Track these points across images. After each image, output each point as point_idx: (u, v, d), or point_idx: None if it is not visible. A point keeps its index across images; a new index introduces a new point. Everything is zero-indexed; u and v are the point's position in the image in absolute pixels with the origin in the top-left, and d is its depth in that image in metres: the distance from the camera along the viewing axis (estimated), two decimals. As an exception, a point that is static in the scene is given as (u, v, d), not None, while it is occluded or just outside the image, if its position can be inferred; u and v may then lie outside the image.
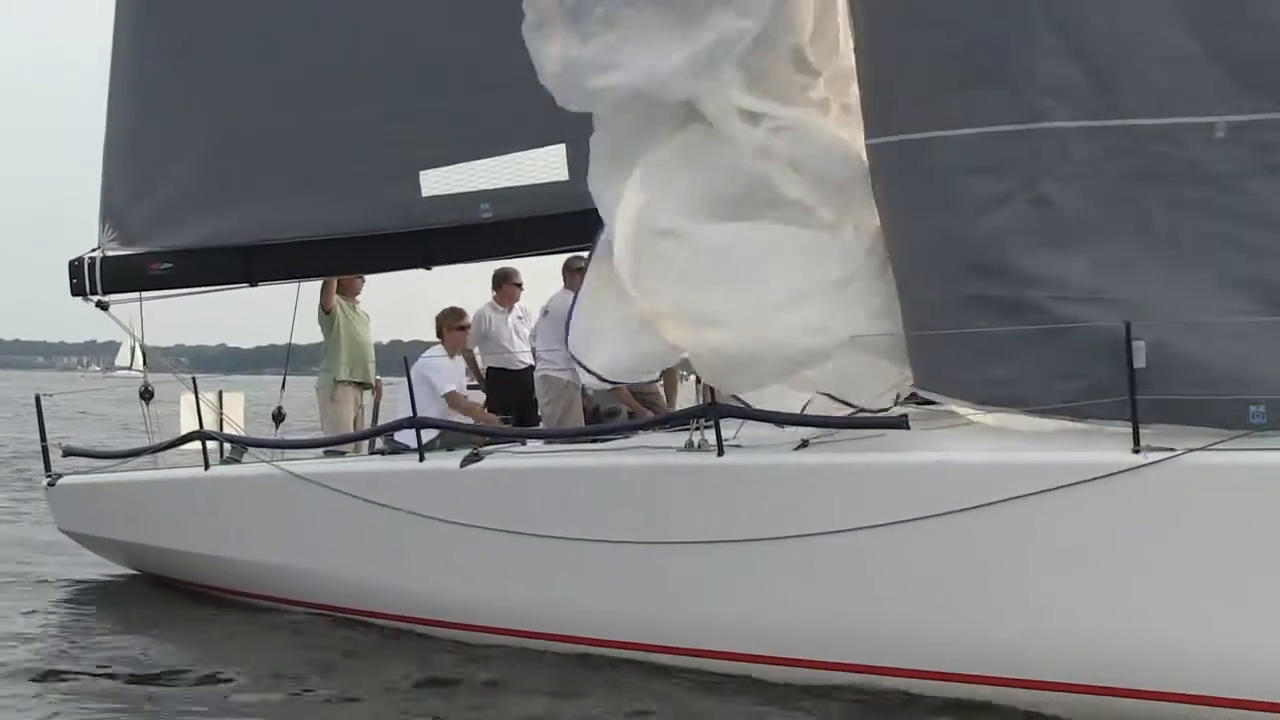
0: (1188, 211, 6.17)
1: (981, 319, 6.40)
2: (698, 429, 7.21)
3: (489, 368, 10.58)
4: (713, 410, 7.11)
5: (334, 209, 9.28)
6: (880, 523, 6.51)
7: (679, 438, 7.36)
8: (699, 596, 7.11)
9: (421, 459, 8.29)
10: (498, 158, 8.90)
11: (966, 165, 6.43)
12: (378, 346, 10.93)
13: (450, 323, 9.77)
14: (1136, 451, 6.02)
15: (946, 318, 6.55)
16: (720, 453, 7.04)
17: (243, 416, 11.01)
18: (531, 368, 10.50)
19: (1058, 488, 6.13)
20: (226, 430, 10.19)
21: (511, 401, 10.04)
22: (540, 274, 10.50)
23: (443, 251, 9.43)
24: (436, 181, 9.07)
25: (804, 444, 6.92)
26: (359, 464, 8.96)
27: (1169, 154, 6.17)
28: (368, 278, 10.59)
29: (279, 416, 10.83)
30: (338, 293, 10.42)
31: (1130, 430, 6.03)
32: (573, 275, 9.80)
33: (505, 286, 10.56)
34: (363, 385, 10.55)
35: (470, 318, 10.00)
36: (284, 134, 9.34)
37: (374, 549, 8.35)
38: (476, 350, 10.71)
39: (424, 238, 9.35)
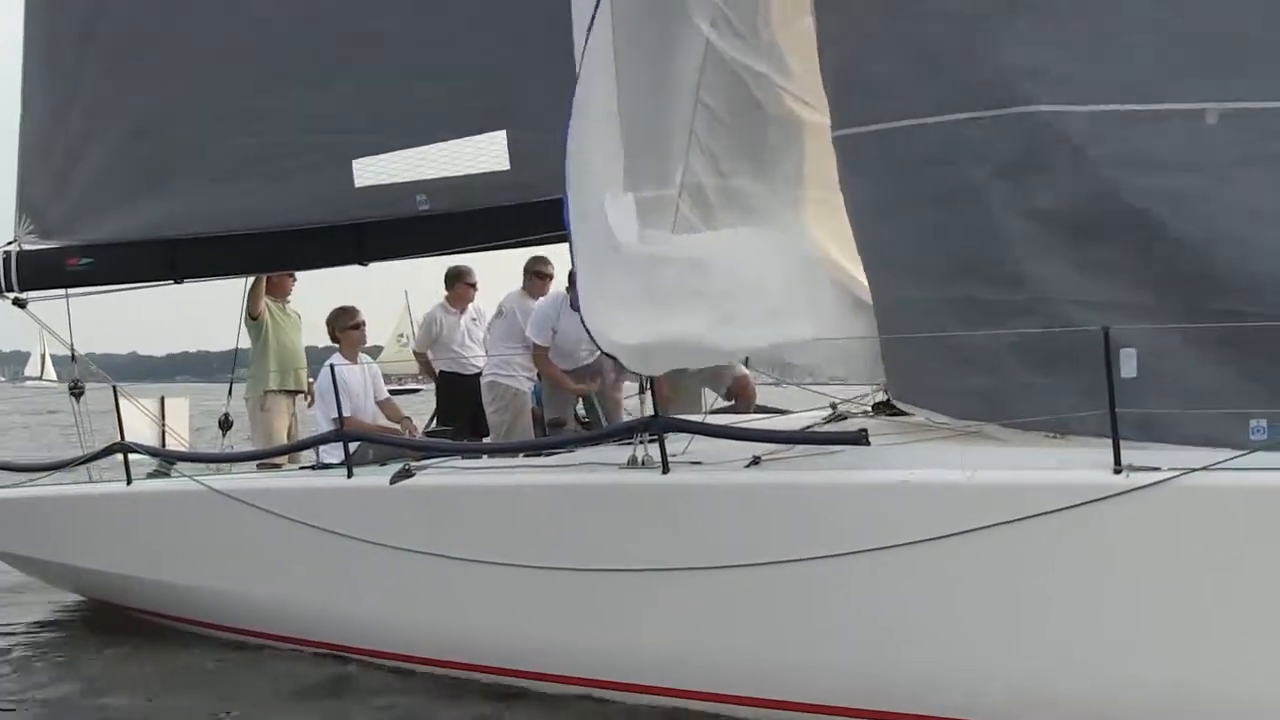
0: (1179, 205, 5.51)
1: (962, 324, 5.77)
2: (642, 443, 6.56)
3: (440, 372, 9.93)
4: (655, 423, 6.45)
5: (262, 201, 8.59)
6: (836, 552, 5.87)
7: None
8: (639, 628, 6.47)
9: (349, 474, 7.63)
10: (435, 145, 8.20)
11: (941, 156, 5.79)
12: (312, 351, 10.23)
13: (341, 323, 8.98)
14: (1118, 472, 5.38)
15: (925, 322, 5.92)
16: (665, 470, 6.38)
17: (188, 425, 10.37)
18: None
19: (1028, 516, 5.49)
20: (170, 441, 9.58)
21: (464, 408, 9.39)
22: (501, 274, 9.94)
23: (378, 246, 8.73)
24: (370, 171, 8.37)
25: (755, 461, 6.26)
26: (283, 480, 8.29)
27: (1164, 141, 5.51)
28: (301, 277, 9.92)
29: (226, 424, 10.17)
30: (266, 294, 9.73)
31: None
32: (534, 279, 9.12)
33: (458, 286, 9.89)
34: (294, 393, 9.85)
35: (361, 315, 9.20)
36: (207, 120, 8.65)
37: (299, 571, 7.69)
38: (430, 353, 10.07)
39: (358, 231, 8.67)
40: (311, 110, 8.44)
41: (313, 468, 8.46)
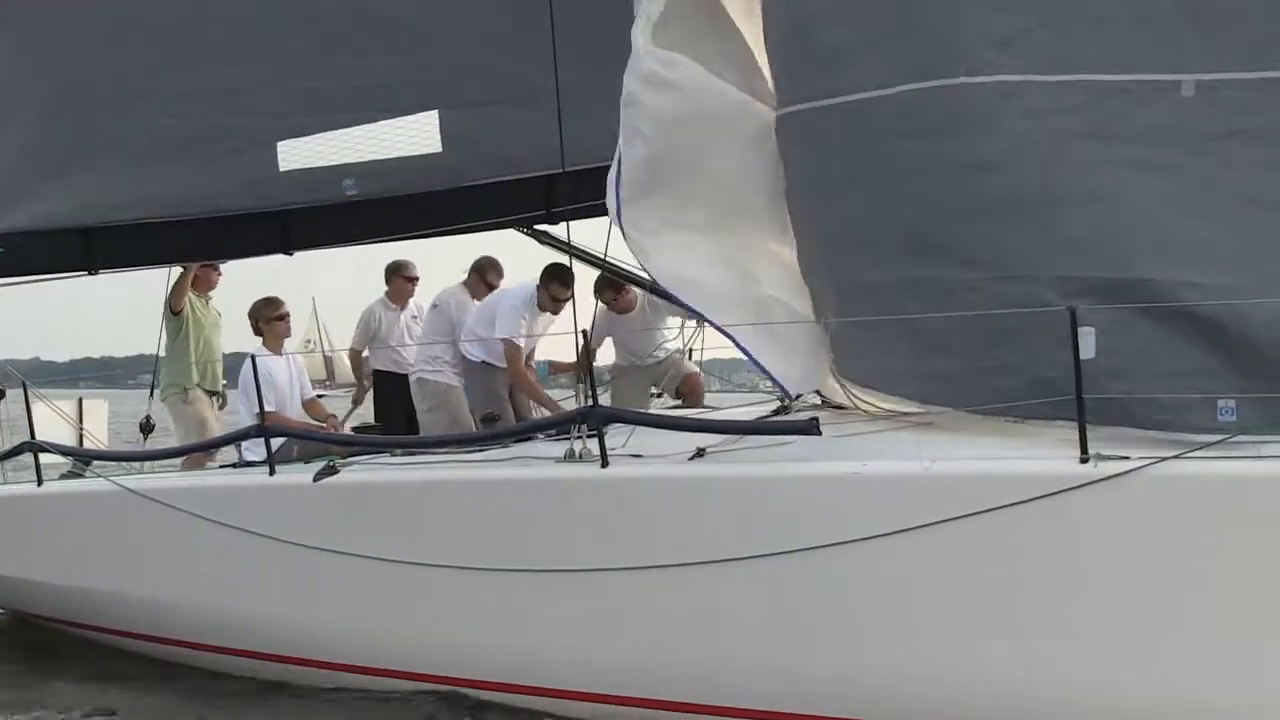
0: (1155, 177, 5.21)
1: (920, 305, 5.46)
2: (580, 436, 6.19)
3: (376, 371, 9.49)
4: (595, 414, 6.08)
5: (183, 186, 8.14)
6: (785, 549, 5.51)
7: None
8: (576, 632, 6.09)
9: (272, 472, 7.21)
10: (362, 127, 7.80)
11: (900, 128, 5.47)
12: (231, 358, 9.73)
13: (265, 314, 8.44)
14: (1085, 460, 5.06)
15: (882, 304, 5.60)
16: (604, 463, 6.01)
17: (106, 428, 9.87)
18: None
19: (990, 509, 5.15)
20: (87, 444, 9.09)
21: (403, 410, 8.95)
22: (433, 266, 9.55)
23: (305, 235, 8.30)
24: (295, 154, 7.94)
25: (699, 453, 5.91)
26: (202, 478, 7.83)
27: (1127, 112, 5.21)
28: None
29: (147, 427, 9.65)
30: (190, 288, 9.27)
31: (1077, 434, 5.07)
32: (479, 282, 8.69)
33: (397, 280, 9.46)
34: (212, 394, 9.36)
35: (286, 306, 8.70)
36: (125, 102, 8.18)
37: (219, 575, 7.26)
38: (365, 352, 9.63)
39: (283, 219, 8.25)
40: (233, 90, 8.01)
41: (234, 466, 8.01)
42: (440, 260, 9.33)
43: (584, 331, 6.14)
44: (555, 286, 8.12)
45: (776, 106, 6.09)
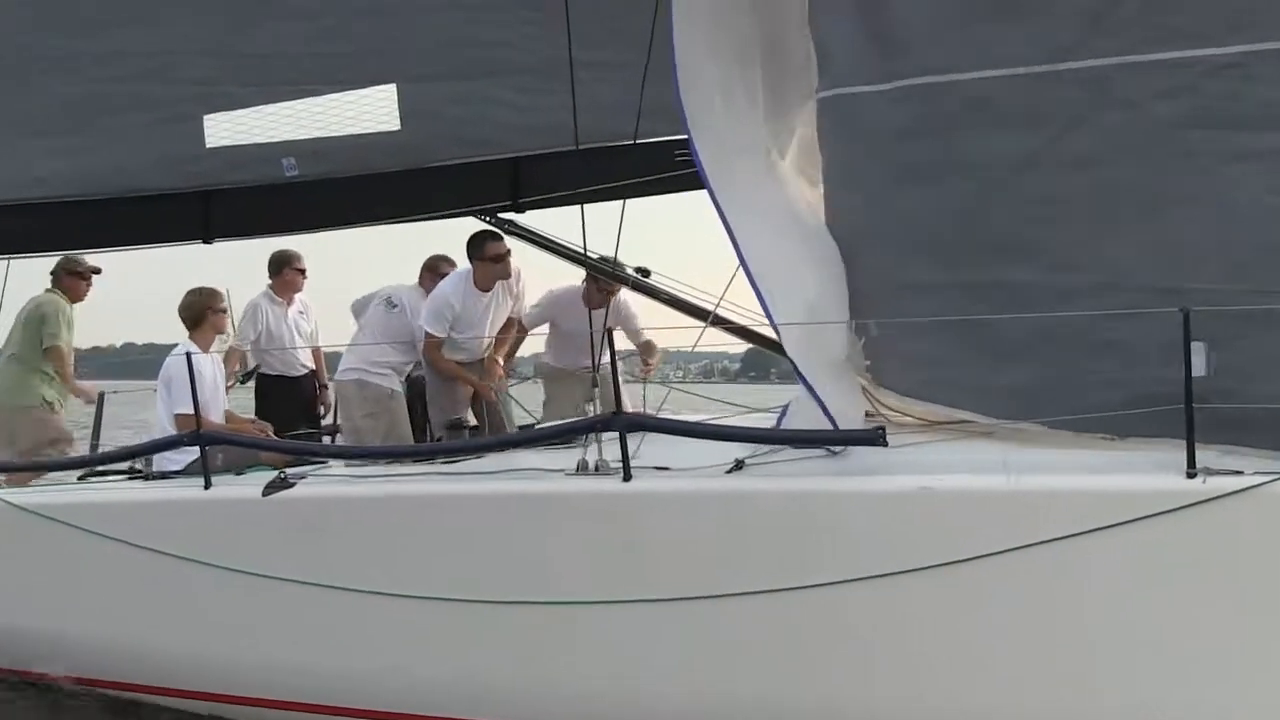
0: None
1: (994, 310, 4.93)
2: (590, 445, 5.49)
3: (260, 374, 8.57)
4: (618, 421, 5.38)
5: (86, 162, 7.18)
6: (844, 577, 4.91)
7: (555, 457, 5.63)
8: (596, 671, 5.38)
9: (207, 485, 6.30)
10: (308, 100, 6.94)
11: (987, 118, 4.96)
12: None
13: (211, 305, 7.35)
14: (1192, 476, 4.57)
15: (936, 308, 5.09)
16: (627, 476, 5.32)
17: None
18: (312, 373, 8.60)
19: (1084, 531, 4.63)
20: None
21: (289, 416, 8.06)
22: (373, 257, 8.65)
23: (230, 221, 7.41)
24: (225, 129, 7.05)
25: (738, 465, 5.26)
26: (113, 493, 6.83)
27: (1238, 93, 4.74)
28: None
29: None
30: (62, 290, 8.30)
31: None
32: (431, 278, 7.84)
33: (285, 273, 8.52)
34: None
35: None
36: (24, 63, 7.19)
37: (136, 604, 6.33)
38: (248, 349, 8.65)
39: (206, 201, 7.33)
40: (150, 53, 7.08)
41: (143, 476, 7.01)
42: (380, 249, 8.46)
43: (609, 330, 5.44)
44: (490, 245, 7.32)
45: (819, 88, 5.49)
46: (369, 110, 6.89)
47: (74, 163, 7.20)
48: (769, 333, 6.71)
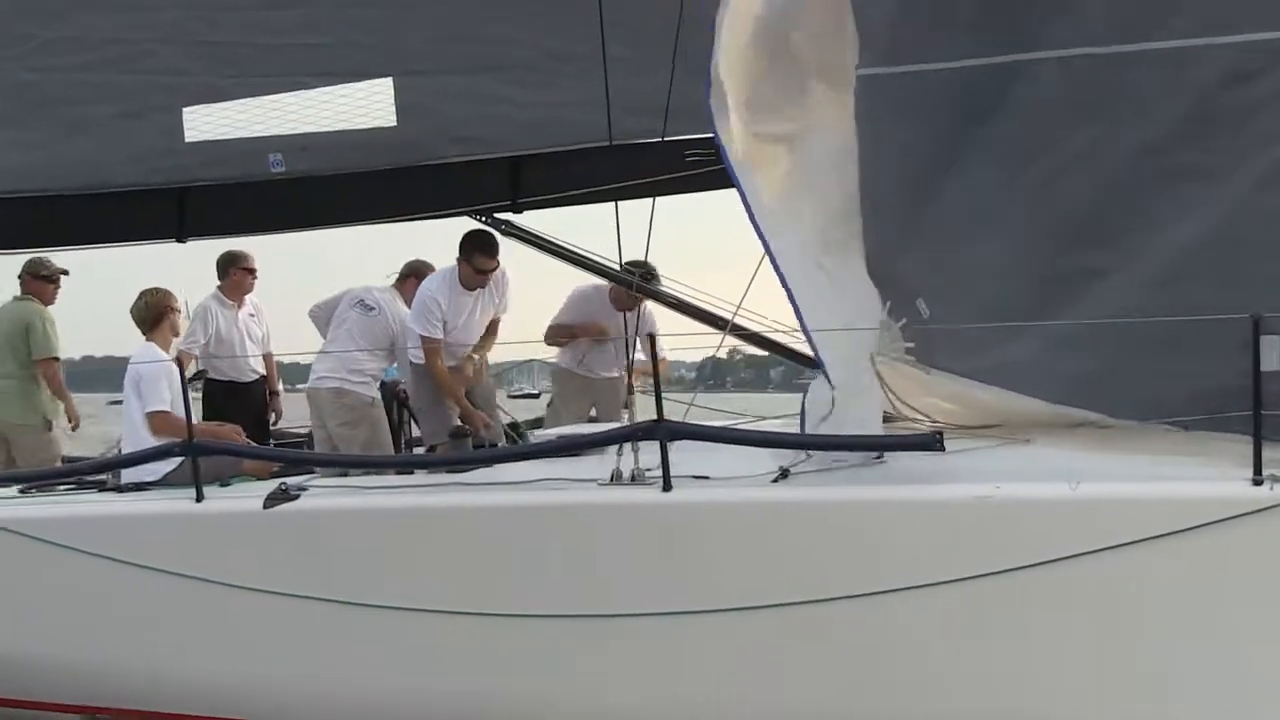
0: None
1: (1064, 298, 4.86)
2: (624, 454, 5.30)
3: (209, 379, 8.21)
4: (660, 429, 5.20)
5: (51, 156, 6.80)
6: (900, 585, 4.79)
7: (579, 466, 5.43)
8: (634, 685, 5.19)
9: (199, 498, 5.96)
10: (298, 93, 6.63)
11: (1055, 96, 4.88)
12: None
13: (165, 304, 7.03)
14: (1258, 483, 4.54)
15: (1003, 293, 4.99)
16: (667, 486, 5.14)
17: None
18: (262, 378, 8.28)
19: (1144, 538, 4.57)
20: None
21: (235, 421, 7.65)
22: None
23: (207, 218, 7.08)
24: (207, 122, 6.70)
25: (783, 474, 5.12)
26: (95, 507, 6.42)
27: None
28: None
29: None
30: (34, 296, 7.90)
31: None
32: (414, 284, 7.52)
33: (233, 273, 8.16)
34: None
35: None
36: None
37: (123, 628, 5.97)
38: (196, 355, 8.31)
39: (181, 199, 6.97)
40: (124, 40, 6.71)
41: (115, 489, 6.63)
42: (352, 250, 8.15)
43: (650, 335, 5.25)
44: (479, 258, 7.07)
45: (863, 65, 5.32)
46: (364, 105, 6.60)
47: (33, 157, 6.81)
48: (783, 338, 6.71)
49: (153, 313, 6.82)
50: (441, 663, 5.41)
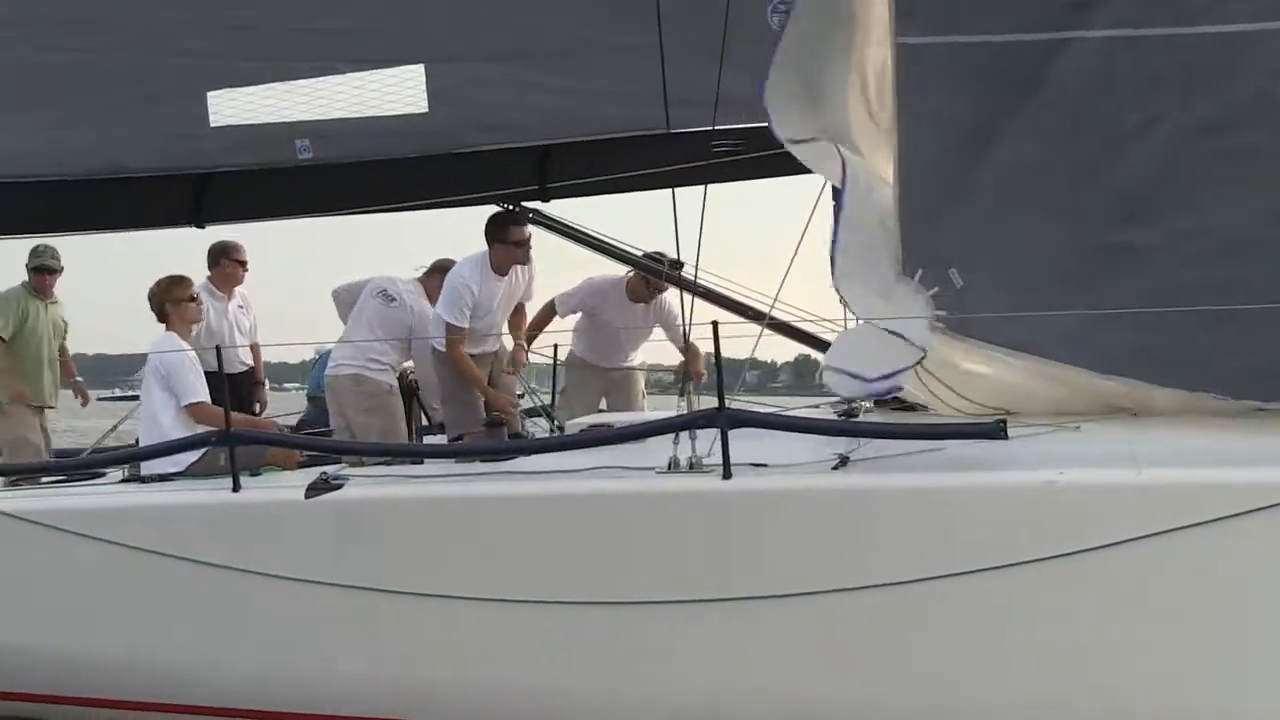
0: None
1: (1111, 269, 4.97)
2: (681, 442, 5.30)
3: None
4: (721, 416, 5.21)
5: (71, 140, 6.67)
6: (963, 569, 4.85)
7: (628, 454, 5.42)
8: (691, 673, 5.20)
9: (236, 488, 5.89)
10: (326, 78, 6.55)
11: (1112, 78, 4.97)
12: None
13: (175, 294, 6.92)
14: None
15: (1053, 263, 5.08)
16: (727, 474, 5.16)
17: None
18: (250, 370, 8.20)
19: (1208, 520, 4.65)
20: None
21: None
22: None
23: (230, 203, 6.97)
24: (232, 106, 6.60)
25: (843, 462, 5.16)
26: (121, 498, 6.32)
27: None
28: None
29: None
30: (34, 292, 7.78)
31: None
32: (439, 280, 7.39)
33: (226, 264, 8.04)
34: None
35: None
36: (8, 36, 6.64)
37: (151, 619, 5.89)
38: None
39: (204, 185, 6.87)
40: (149, 20, 6.60)
41: (133, 479, 6.53)
42: (368, 239, 8.09)
43: (714, 323, 5.25)
44: (512, 229, 6.87)
45: (903, 34, 5.31)
46: (394, 91, 6.52)
47: (52, 141, 6.68)
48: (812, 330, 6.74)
49: (158, 303, 6.77)
50: (498, 652, 5.40)
